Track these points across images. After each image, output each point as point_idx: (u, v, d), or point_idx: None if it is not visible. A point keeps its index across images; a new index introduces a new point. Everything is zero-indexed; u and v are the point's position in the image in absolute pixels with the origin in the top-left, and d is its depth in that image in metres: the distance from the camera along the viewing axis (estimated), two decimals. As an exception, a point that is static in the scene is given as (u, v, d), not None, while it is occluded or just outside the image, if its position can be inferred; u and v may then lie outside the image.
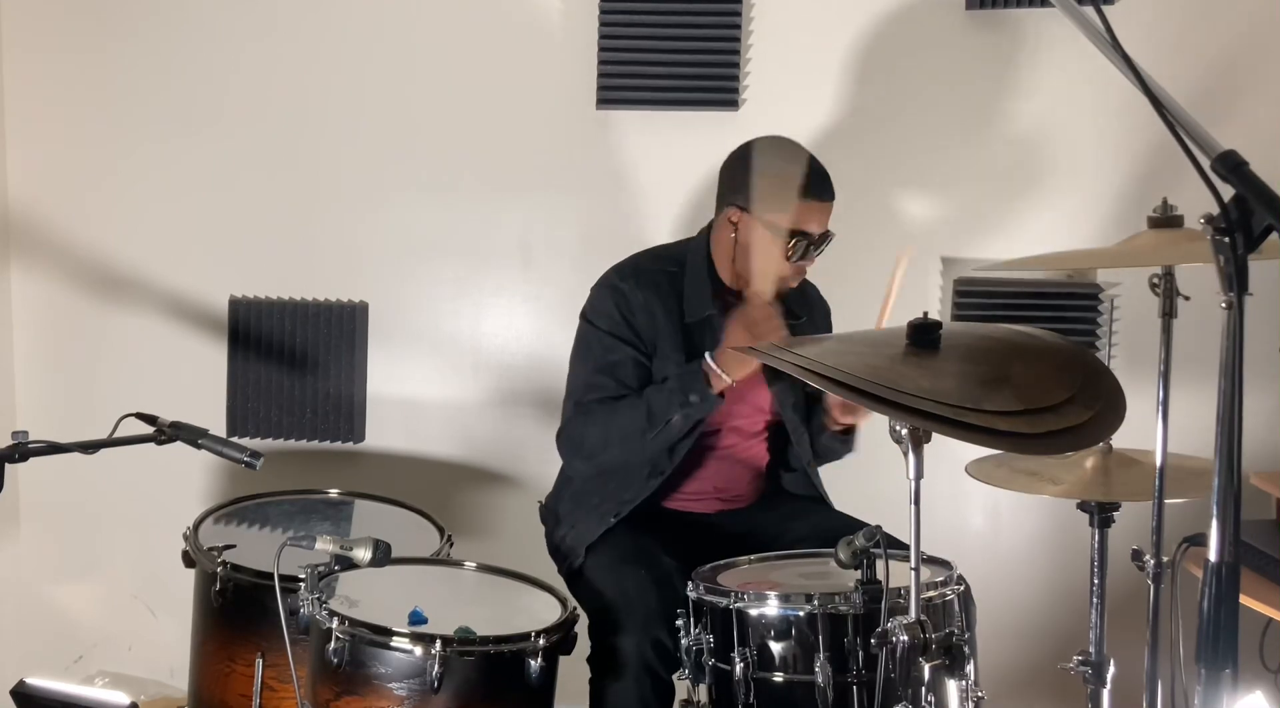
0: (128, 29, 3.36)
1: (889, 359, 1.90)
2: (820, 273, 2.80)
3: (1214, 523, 1.37)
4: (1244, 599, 2.05)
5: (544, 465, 2.69)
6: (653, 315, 2.61)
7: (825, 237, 2.56)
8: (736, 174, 2.59)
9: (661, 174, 3.31)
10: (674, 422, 2.50)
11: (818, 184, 2.53)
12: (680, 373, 2.52)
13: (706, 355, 2.47)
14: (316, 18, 3.34)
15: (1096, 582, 2.34)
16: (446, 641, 2.14)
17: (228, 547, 2.58)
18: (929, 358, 1.92)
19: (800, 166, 2.55)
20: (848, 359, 1.87)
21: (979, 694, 2.15)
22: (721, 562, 2.43)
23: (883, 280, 3.19)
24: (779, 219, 2.52)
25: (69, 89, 3.40)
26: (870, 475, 2.71)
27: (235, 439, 2.74)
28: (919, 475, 1.84)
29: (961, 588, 2.25)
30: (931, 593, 2.15)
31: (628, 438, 2.53)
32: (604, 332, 2.62)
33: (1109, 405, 1.88)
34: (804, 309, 2.73)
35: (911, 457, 1.84)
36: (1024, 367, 1.94)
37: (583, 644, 2.40)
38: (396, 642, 2.16)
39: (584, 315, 2.68)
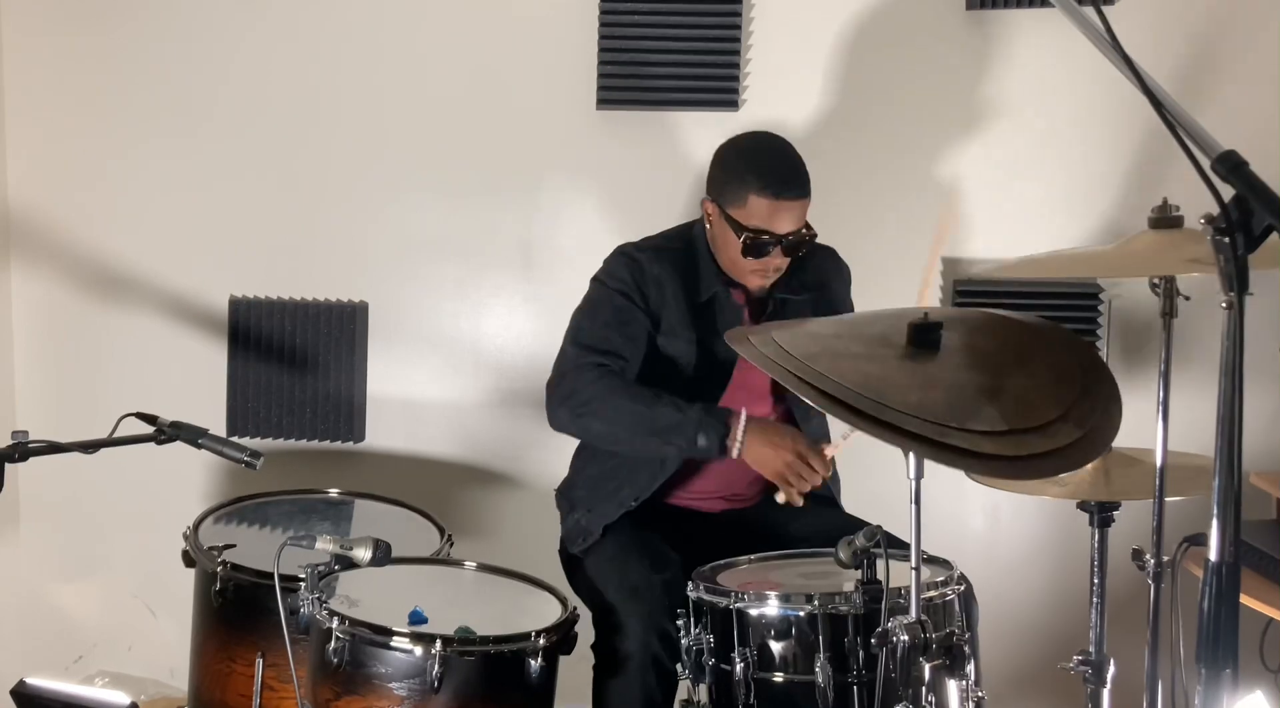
0: (128, 29, 3.36)
1: (884, 365, 1.88)
2: (820, 273, 2.81)
3: (1214, 523, 1.37)
4: (1244, 599, 2.05)
5: (544, 465, 2.70)
6: (663, 289, 2.62)
7: (794, 236, 2.51)
8: (714, 163, 2.62)
9: (661, 174, 3.30)
10: (667, 446, 2.51)
11: (779, 181, 2.49)
12: (706, 410, 2.46)
13: (743, 413, 2.44)
14: (317, 18, 3.33)
15: (1096, 582, 2.34)
16: (446, 641, 2.14)
17: (228, 547, 2.58)
18: (928, 359, 1.91)
19: (766, 161, 2.53)
20: (842, 364, 1.85)
21: (979, 694, 2.15)
22: (721, 562, 2.43)
23: (883, 280, 3.20)
24: (737, 214, 2.52)
25: (69, 89, 3.40)
26: (870, 476, 2.71)
27: (235, 439, 2.74)
28: (919, 475, 1.84)
29: (962, 587, 2.25)
30: (932, 593, 2.15)
31: (620, 421, 2.51)
32: (616, 290, 2.62)
33: (1103, 420, 1.86)
34: (805, 288, 2.70)
35: (912, 457, 1.84)
36: (1023, 378, 1.91)
37: (583, 643, 2.40)
38: (396, 642, 2.16)
39: (596, 278, 2.68)
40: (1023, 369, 1.94)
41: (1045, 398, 1.85)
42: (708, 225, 2.64)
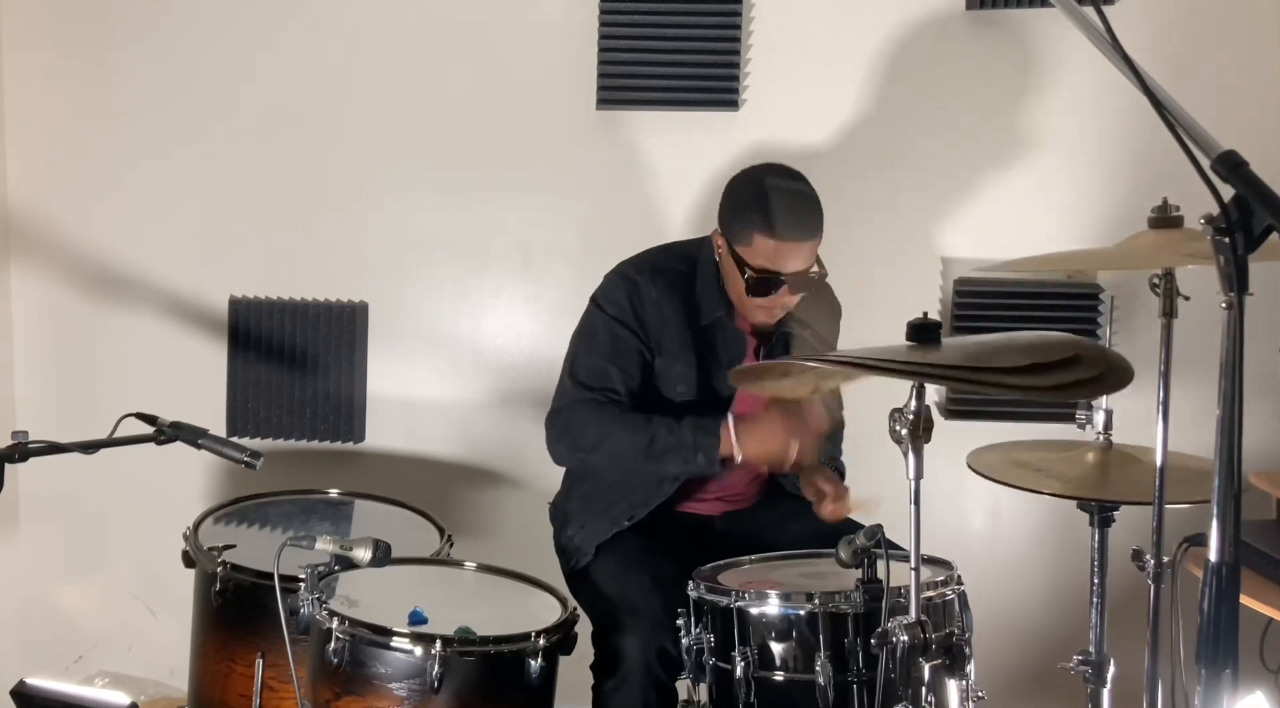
0: (128, 29, 3.36)
1: (894, 352, 1.90)
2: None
3: (1214, 523, 1.37)
4: (1244, 599, 2.05)
5: (545, 465, 2.69)
6: (662, 313, 2.60)
7: (800, 276, 2.47)
8: (724, 198, 2.58)
9: (661, 174, 3.31)
10: (669, 469, 2.52)
11: (788, 223, 2.43)
12: (697, 427, 2.46)
13: (729, 418, 2.45)
14: (316, 18, 3.33)
15: (1096, 582, 2.34)
16: (446, 641, 2.14)
17: (228, 547, 2.58)
18: (930, 351, 1.92)
19: (773, 200, 2.46)
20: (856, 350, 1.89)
21: (979, 694, 2.15)
22: (722, 562, 2.43)
23: (883, 280, 3.20)
24: (743, 252, 2.48)
25: (69, 90, 3.40)
26: (870, 475, 2.71)
27: (235, 439, 2.74)
28: (919, 476, 1.84)
29: (961, 588, 2.25)
30: (932, 593, 2.15)
31: (620, 454, 2.53)
32: (612, 318, 2.61)
33: (1113, 369, 1.90)
34: (810, 315, 2.70)
35: (911, 457, 1.84)
36: (1026, 340, 1.96)
37: (584, 647, 2.40)
38: (396, 642, 2.16)
39: (594, 300, 2.67)
40: (1024, 338, 1.97)
41: (1056, 346, 1.87)
42: (718, 257, 2.60)
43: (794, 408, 2.45)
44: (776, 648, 2.19)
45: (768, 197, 2.47)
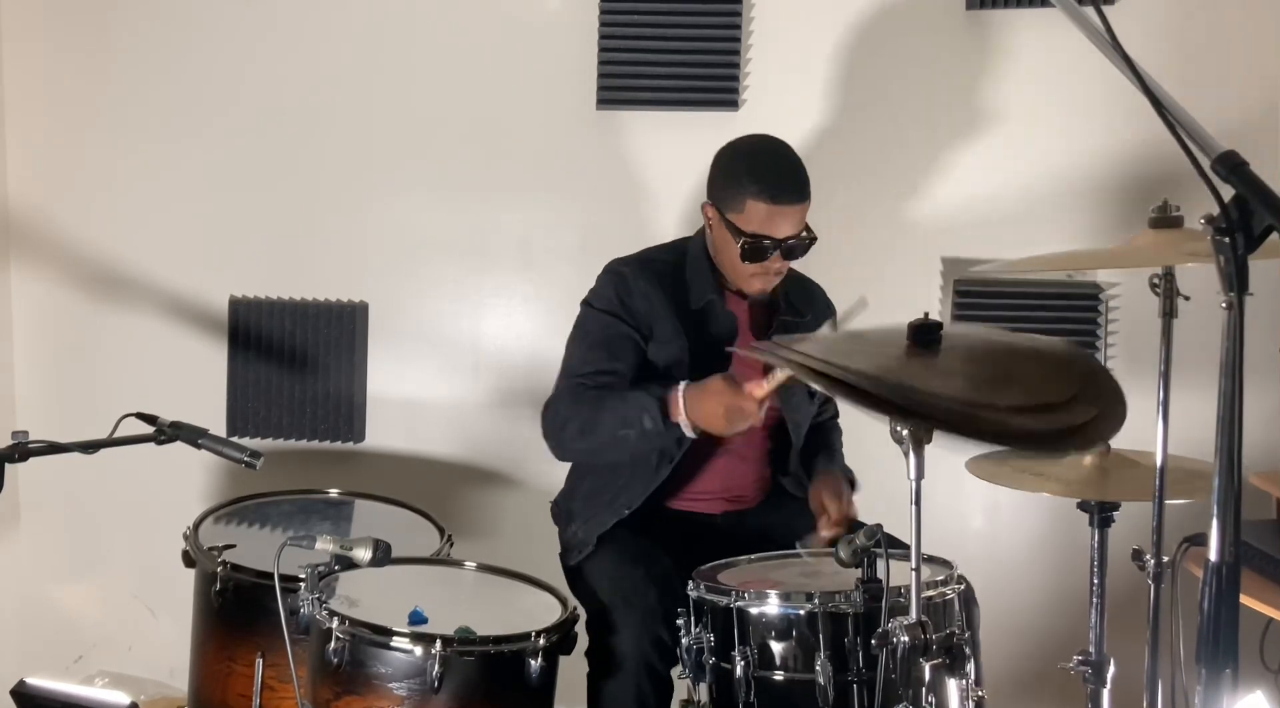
0: (128, 29, 3.36)
1: (895, 360, 1.89)
2: (817, 273, 2.81)
3: (1214, 523, 1.37)
4: (1244, 599, 2.05)
5: (545, 465, 2.69)
6: (651, 301, 2.61)
7: (794, 240, 2.51)
8: (713, 168, 2.62)
9: (661, 174, 3.31)
10: (640, 442, 2.47)
11: (777, 186, 2.49)
12: (647, 390, 2.45)
13: (682, 385, 2.41)
14: (317, 18, 3.34)
15: (1096, 582, 2.34)
16: (446, 641, 2.14)
17: (228, 547, 2.58)
18: (931, 359, 1.91)
19: (765, 166, 2.53)
20: (855, 359, 1.86)
21: (979, 694, 2.15)
22: (722, 561, 2.43)
23: (879, 280, 3.20)
24: (736, 219, 2.52)
25: (69, 89, 3.41)
26: (870, 475, 2.71)
27: (235, 439, 2.74)
28: (919, 476, 1.84)
29: (962, 587, 2.25)
30: (932, 593, 2.15)
31: (597, 431, 2.49)
32: (601, 311, 2.63)
33: (1110, 403, 1.87)
34: (808, 308, 2.73)
35: (912, 457, 1.84)
36: (1026, 365, 1.94)
37: (584, 644, 2.41)
38: (396, 642, 2.16)
39: (585, 301, 2.70)
40: (1023, 360, 1.96)
41: (1054, 381, 1.86)
42: (708, 230, 2.64)
43: (735, 383, 2.39)
44: (776, 648, 2.19)
45: (759, 163, 2.54)
